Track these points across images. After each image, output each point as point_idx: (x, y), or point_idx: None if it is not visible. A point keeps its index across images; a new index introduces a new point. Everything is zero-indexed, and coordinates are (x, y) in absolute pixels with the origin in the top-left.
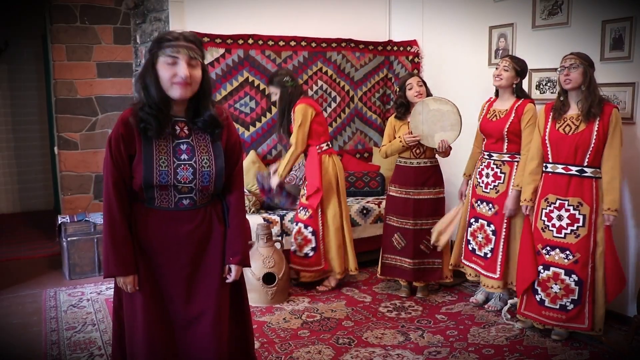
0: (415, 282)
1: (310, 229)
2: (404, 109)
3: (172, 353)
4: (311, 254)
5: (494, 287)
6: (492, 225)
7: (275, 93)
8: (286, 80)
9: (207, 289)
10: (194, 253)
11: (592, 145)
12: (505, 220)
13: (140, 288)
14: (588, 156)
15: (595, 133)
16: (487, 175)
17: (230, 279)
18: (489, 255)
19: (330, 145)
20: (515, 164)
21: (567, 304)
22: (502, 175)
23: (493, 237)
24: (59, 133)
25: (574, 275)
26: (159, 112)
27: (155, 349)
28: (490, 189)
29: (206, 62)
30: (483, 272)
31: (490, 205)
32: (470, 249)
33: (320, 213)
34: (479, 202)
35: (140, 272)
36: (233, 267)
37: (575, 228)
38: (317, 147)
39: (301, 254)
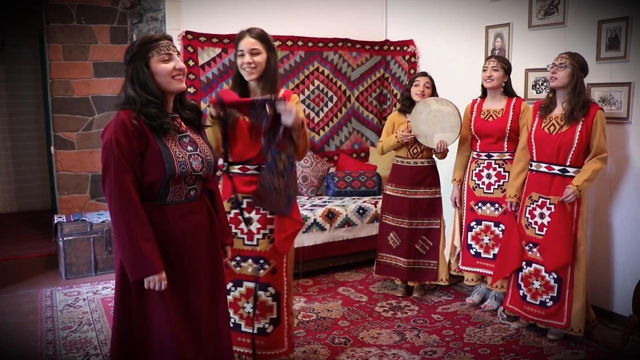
0: (410, 282)
1: (271, 290)
2: (409, 102)
3: (197, 349)
4: (270, 329)
5: (506, 287)
6: (501, 225)
7: (258, 52)
8: (274, 46)
9: (221, 276)
10: (206, 242)
11: (575, 146)
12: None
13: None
14: (570, 156)
15: (577, 134)
16: (489, 176)
17: (227, 258)
18: None
19: None
20: None
21: (547, 300)
22: (507, 174)
23: None
24: (55, 132)
25: (553, 273)
26: (163, 107)
27: (184, 351)
28: (494, 189)
29: (202, 61)
30: (493, 273)
31: (497, 205)
32: (474, 253)
33: (285, 264)
34: (479, 204)
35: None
36: (228, 248)
37: None
38: None
39: (250, 329)
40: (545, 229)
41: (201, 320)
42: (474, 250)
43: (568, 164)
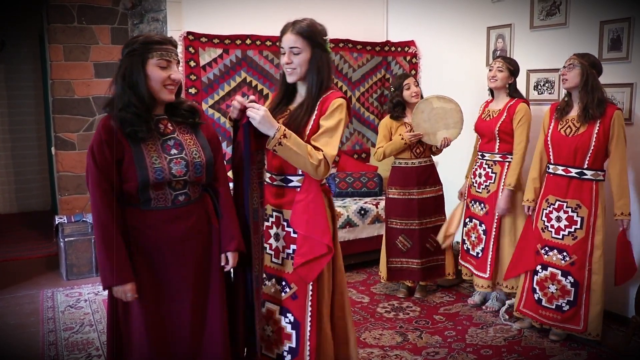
0: (422, 282)
1: (290, 317)
2: (401, 108)
3: (173, 354)
4: (288, 358)
5: (484, 287)
6: (483, 225)
7: (299, 52)
8: (326, 41)
9: (213, 286)
10: (197, 250)
11: (592, 147)
12: (496, 220)
13: (141, 295)
14: (588, 158)
15: (595, 135)
16: (480, 176)
17: (229, 267)
18: (480, 255)
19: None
20: (507, 164)
21: (563, 304)
22: (494, 176)
23: (484, 237)
24: (56, 133)
25: (570, 277)
26: (145, 112)
27: (157, 353)
28: (482, 188)
29: (204, 62)
30: (475, 271)
31: (482, 205)
32: (465, 248)
33: (311, 291)
34: (473, 202)
35: (141, 278)
36: (230, 255)
37: (573, 230)
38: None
39: (271, 354)
40: (562, 232)
41: (183, 329)
42: (466, 245)
43: (586, 166)
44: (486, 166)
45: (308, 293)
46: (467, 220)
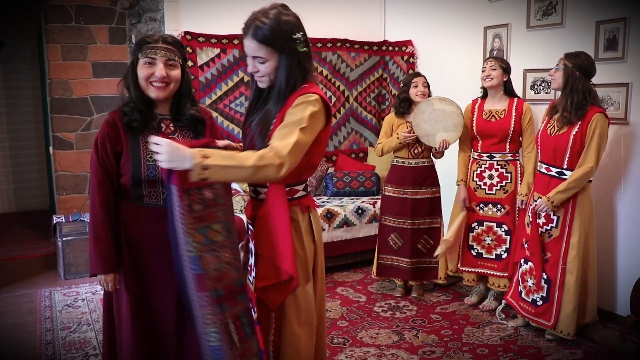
0: (412, 281)
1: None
2: (407, 104)
3: (159, 351)
4: None
5: (504, 287)
6: (504, 226)
7: (264, 60)
8: (298, 40)
9: None
10: None
11: (569, 149)
12: (517, 219)
13: (127, 287)
14: (566, 160)
15: (572, 137)
16: (491, 177)
17: None
18: (504, 256)
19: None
20: (518, 162)
21: (537, 299)
22: (509, 175)
23: (507, 237)
24: (54, 133)
25: (544, 274)
26: (145, 108)
27: (141, 347)
28: (497, 189)
29: (201, 62)
30: (498, 273)
31: (499, 206)
32: (475, 254)
33: (274, 319)
34: (481, 204)
35: (128, 271)
36: None
37: (549, 228)
38: (291, 188)
39: None
40: (545, 228)
41: (168, 326)
42: (476, 251)
43: (565, 167)
44: (498, 167)
45: (271, 319)
46: (475, 224)
